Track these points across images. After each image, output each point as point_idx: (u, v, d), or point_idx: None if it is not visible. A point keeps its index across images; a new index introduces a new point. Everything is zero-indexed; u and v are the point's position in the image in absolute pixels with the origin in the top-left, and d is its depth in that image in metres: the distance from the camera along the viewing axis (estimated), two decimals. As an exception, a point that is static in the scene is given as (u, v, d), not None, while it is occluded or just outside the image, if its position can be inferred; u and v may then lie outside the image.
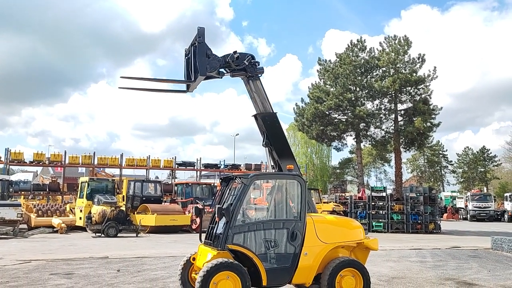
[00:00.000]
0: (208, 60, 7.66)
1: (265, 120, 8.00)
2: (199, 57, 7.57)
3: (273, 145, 8.05)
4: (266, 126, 8.01)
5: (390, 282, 8.97)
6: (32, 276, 9.06)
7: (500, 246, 14.89)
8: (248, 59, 7.89)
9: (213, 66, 7.71)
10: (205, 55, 7.61)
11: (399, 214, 25.65)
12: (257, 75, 8.05)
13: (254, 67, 7.95)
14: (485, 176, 68.02)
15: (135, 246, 15.81)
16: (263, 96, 8.22)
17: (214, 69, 7.75)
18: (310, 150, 59.98)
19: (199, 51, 7.59)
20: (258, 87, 8.16)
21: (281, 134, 8.25)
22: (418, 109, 28.21)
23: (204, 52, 7.60)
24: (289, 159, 8.07)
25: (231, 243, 6.54)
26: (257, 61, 8.05)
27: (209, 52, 7.66)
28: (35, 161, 29.79)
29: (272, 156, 8.17)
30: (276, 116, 8.16)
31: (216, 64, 7.77)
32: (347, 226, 7.52)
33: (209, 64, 7.66)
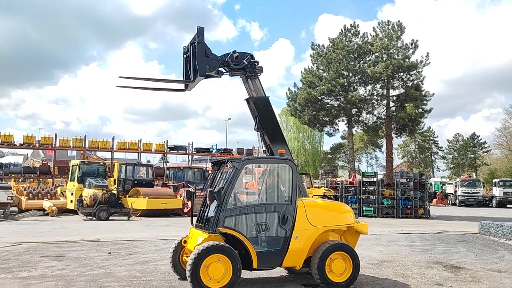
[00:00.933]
0: (208, 60, 7.61)
1: (257, 104, 7.99)
2: (198, 58, 7.53)
3: (265, 130, 8.05)
4: (258, 110, 8.00)
5: (379, 266, 9.09)
6: (23, 258, 9.06)
7: (487, 231, 15.12)
8: (248, 58, 7.84)
9: (213, 66, 7.68)
10: (204, 55, 7.55)
11: (389, 199, 25.89)
12: (256, 74, 8.00)
13: (253, 66, 7.91)
14: (474, 162, 68.82)
15: (127, 229, 15.84)
16: (261, 93, 8.20)
17: (213, 69, 7.73)
18: (302, 135, 60.17)
19: (199, 51, 7.54)
20: (256, 85, 8.12)
21: (273, 118, 8.24)
22: (410, 95, 28.29)
23: (203, 52, 7.55)
24: (281, 143, 8.08)
25: (222, 226, 6.58)
26: (257, 61, 8.01)
27: (208, 52, 7.62)
28: (25, 143, 29.49)
29: (264, 140, 8.17)
30: (268, 100, 8.14)
31: (216, 64, 7.74)
32: (337, 210, 7.58)
33: (208, 64, 7.62)
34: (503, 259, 10.31)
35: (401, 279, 7.80)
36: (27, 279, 7.23)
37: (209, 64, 7.61)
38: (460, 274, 8.46)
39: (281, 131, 8.34)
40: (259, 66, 7.97)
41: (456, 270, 8.81)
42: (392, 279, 7.79)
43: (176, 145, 36.06)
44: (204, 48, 7.57)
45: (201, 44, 7.52)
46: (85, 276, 7.50)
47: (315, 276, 6.84)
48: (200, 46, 7.52)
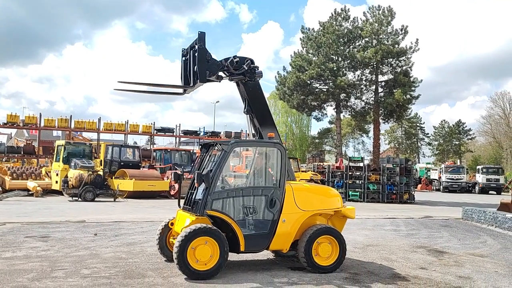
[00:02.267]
0: (208, 65, 7.46)
1: (247, 87, 7.89)
2: (199, 63, 7.37)
3: (254, 113, 7.98)
4: (248, 93, 7.92)
5: (364, 250, 9.18)
6: (7, 239, 8.95)
7: (470, 217, 15.38)
8: (248, 63, 7.69)
9: (213, 71, 7.55)
10: (205, 61, 7.39)
11: (375, 184, 26.15)
12: (255, 79, 7.88)
13: (253, 72, 7.76)
14: (459, 149, 69.77)
15: (113, 210, 15.75)
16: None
17: (213, 74, 7.61)
18: (290, 119, 60.16)
19: (200, 56, 7.38)
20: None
21: (262, 101, 8.17)
22: (398, 81, 28.36)
23: (204, 57, 7.39)
24: (270, 126, 8.03)
25: (210, 209, 6.55)
26: (257, 66, 7.87)
27: (208, 57, 7.46)
28: (9, 123, 28.97)
29: (253, 123, 8.11)
30: (258, 83, 8.05)
31: (216, 69, 7.60)
32: (325, 194, 7.60)
33: (209, 70, 7.47)
34: (485, 244, 10.49)
35: (386, 263, 7.89)
36: (11, 259, 7.14)
37: (209, 69, 7.49)
38: (443, 258, 8.60)
39: (270, 115, 8.28)
40: (259, 71, 7.84)
41: (440, 255, 8.95)
42: (377, 263, 7.88)
43: (163, 127, 35.83)
44: (205, 53, 7.42)
45: (202, 49, 7.38)
46: (70, 257, 7.44)
47: (302, 259, 6.88)
48: (201, 51, 7.38)
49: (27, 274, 6.21)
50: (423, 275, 7.07)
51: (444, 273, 7.24)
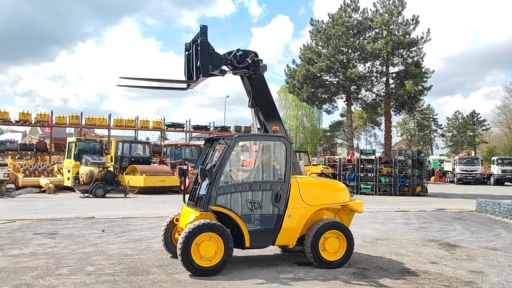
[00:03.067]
0: (211, 59, 7.30)
1: (251, 80, 7.75)
2: (202, 58, 7.22)
3: (259, 106, 7.83)
4: (252, 86, 7.77)
5: (374, 244, 9.03)
6: (15, 236, 8.98)
7: (484, 209, 15.09)
8: (251, 57, 7.53)
9: (216, 65, 7.39)
10: (208, 55, 7.23)
11: (387, 176, 25.87)
12: (259, 72, 7.71)
13: (257, 65, 7.59)
14: (473, 140, 68.74)
15: (123, 206, 15.79)
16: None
17: (217, 68, 7.45)
18: (301, 112, 59.77)
19: (202, 50, 7.23)
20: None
21: (267, 95, 8.02)
22: (409, 72, 27.94)
23: (206, 51, 7.23)
24: (275, 120, 7.89)
25: (214, 204, 6.45)
26: (261, 59, 7.69)
27: (211, 51, 7.29)
28: (21, 120, 29.23)
29: (258, 117, 7.98)
30: (263, 76, 7.89)
31: (219, 63, 7.45)
32: (332, 188, 7.45)
33: (211, 64, 7.32)
34: (499, 237, 10.26)
35: (396, 257, 7.73)
36: (17, 256, 7.15)
37: (212, 63, 7.33)
38: (455, 252, 8.41)
39: (275, 108, 8.13)
40: (263, 64, 7.66)
41: (452, 248, 8.76)
42: (386, 257, 7.72)
43: (173, 123, 35.85)
44: (208, 47, 7.27)
45: (204, 43, 7.22)
46: (76, 254, 7.42)
47: (309, 254, 6.76)
48: (204, 45, 7.22)
49: (31, 272, 6.20)
50: (434, 270, 6.90)
51: (455, 268, 7.06)
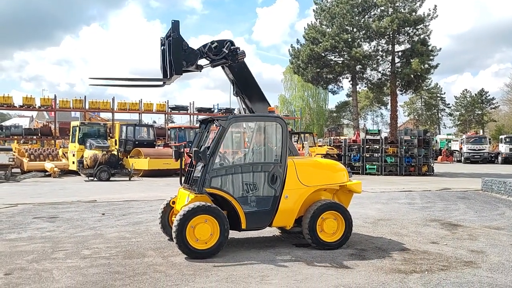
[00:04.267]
0: (185, 55, 7.01)
1: (232, 68, 7.45)
2: (174, 54, 6.92)
3: (244, 93, 7.54)
4: (234, 74, 7.46)
5: (375, 224, 8.93)
6: (15, 220, 9.00)
7: (490, 188, 14.91)
8: (227, 46, 7.22)
9: (191, 61, 7.09)
10: (180, 51, 6.92)
11: (393, 157, 25.67)
12: (238, 60, 7.40)
13: (235, 53, 7.26)
14: (482, 119, 68.04)
15: (126, 189, 15.81)
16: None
17: (192, 64, 7.15)
18: (307, 93, 59.30)
19: (174, 47, 6.92)
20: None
21: (250, 80, 7.71)
22: (416, 50, 27.45)
23: (179, 47, 6.93)
24: (262, 103, 7.65)
25: (209, 186, 6.36)
26: (238, 47, 7.37)
27: (185, 46, 6.99)
28: (25, 105, 29.26)
29: (245, 103, 7.75)
30: (243, 62, 7.54)
31: (194, 59, 7.15)
32: (329, 169, 7.32)
33: (185, 60, 7.02)
34: (503, 216, 10.12)
35: (396, 238, 7.64)
36: (14, 241, 7.14)
37: (186, 59, 7.04)
38: (457, 231, 8.29)
39: (260, 91, 7.78)
40: (241, 52, 7.32)
41: (453, 228, 8.64)
42: (387, 238, 7.63)
43: (177, 105, 35.71)
44: (180, 43, 6.95)
45: (176, 39, 6.90)
46: (73, 238, 7.40)
47: (306, 235, 6.68)
48: (176, 41, 6.91)
49: (27, 256, 6.18)
50: (433, 250, 6.80)
51: (455, 248, 6.95)
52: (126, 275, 5.35)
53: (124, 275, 5.33)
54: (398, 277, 5.34)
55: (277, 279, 5.23)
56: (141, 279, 5.19)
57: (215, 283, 5.07)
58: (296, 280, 5.19)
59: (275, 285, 5.02)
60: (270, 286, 4.97)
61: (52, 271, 5.46)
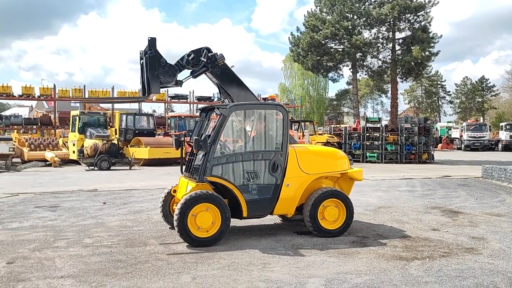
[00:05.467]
0: (163, 72, 6.78)
1: (214, 73, 7.26)
2: (150, 73, 6.69)
3: (231, 95, 7.35)
4: (218, 78, 7.24)
5: (376, 212, 8.95)
6: (16, 209, 9.01)
7: (490, 175, 14.92)
8: (205, 54, 6.97)
9: (168, 79, 6.87)
10: (157, 69, 6.69)
11: (393, 144, 25.65)
12: (219, 65, 7.14)
13: (214, 60, 7.00)
14: (482, 106, 67.90)
15: (127, 178, 15.82)
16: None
17: (169, 82, 6.94)
18: (307, 82, 59.10)
19: (151, 65, 6.69)
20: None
21: (235, 80, 7.50)
22: (416, 37, 27.26)
23: (155, 66, 6.70)
24: (250, 98, 7.50)
25: (210, 174, 6.36)
26: (215, 53, 7.10)
27: (163, 63, 6.77)
28: (24, 94, 29.12)
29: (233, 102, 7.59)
30: (224, 64, 7.27)
31: (172, 75, 6.91)
32: (330, 157, 7.32)
33: (163, 77, 6.79)
34: (503, 203, 10.14)
35: (397, 225, 7.65)
36: (16, 230, 7.16)
37: (164, 77, 6.81)
38: (458, 218, 8.31)
39: (248, 89, 7.54)
40: (219, 56, 7.07)
41: (454, 215, 8.66)
42: (388, 225, 7.65)
43: (177, 94, 35.58)
44: (158, 60, 6.75)
45: (153, 57, 6.70)
46: (75, 227, 7.42)
47: (307, 223, 6.69)
48: (152, 59, 6.70)
49: (29, 245, 6.20)
50: (434, 236, 6.82)
51: (456, 234, 6.97)
52: (128, 263, 5.37)
53: (126, 263, 5.34)
54: (400, 264, 5.36)
55: (278, 267, 5.25)
56: (143, 267, 5.21)
57: (217, 270, 5.09)
58: (298, 268, 5.21)
59: (277, 272, 5.04)
60: (272, 274, 4.98)
61: (55, 260, 5.48)
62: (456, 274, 4.99)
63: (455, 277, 4.90)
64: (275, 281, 4.73)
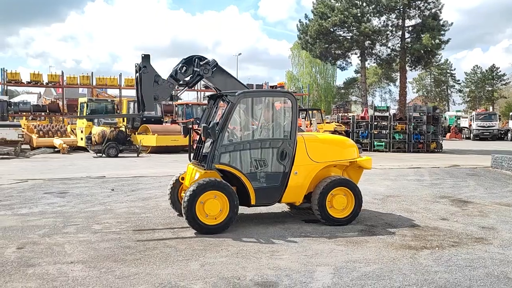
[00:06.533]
0: (158, 88, 6.66)
1: (209, 78, 7.12)
2: (144, 91, 6.57)
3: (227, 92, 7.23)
4: (212, 81, 7.18)
5: (384, 201, 8.91)
6: (26, 195, 9.07)
7: (500, 164, 14.78)
8: (197, 63, 6.85)
9: (164, 95, 6.77)
10: (151, 86, 6.58)
11: (401, 133, 25.50)
12: (213, 70, 7.00)
13: (206, 67, 6.87)
14: (492, 95, 67.15)
15: (135, 166, 15.87)
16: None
17: (165, 97, 6.88)
18: (315, 70, 58.75)
19: (145, 82, 6.57)
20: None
21: (228, 79, 7.37)
22: (426, 25, 26.88)
23: (150, 83, 6.59)
24: None
25: (218, 162, 6.34)
26: (207, 60, 6.96)
27: (157, 79, 6.64)
28: (32, 81, 29.23)
29: None
30: (215, 63, 7.14)
31: (167, 93, 6.80)
32: (339, 145, 7.27)
33: (158, 93, 6.68)
34: (513, 193, 10.04)
35: (406, 214, 7.61)
36: (26, 215, 7.21)
37: (159, 93, 6.70)
38: (467, 208, 8.25)
39: (242, 83, 7.52)
40: (212, 61, 6.95)
41: (464, 205, 8.60)
42: (396, 214, 7.61)
43: (185, 82, 35.44)
44: (152, 77, 6.63)
45: (146, 75, 6.57)
46: (84, 213, 7.46)
47: (316, 212, 6.67)
48: (147, 77, 6.58)
49: (39, 230, 6.24)
50: (444, 226, 6.77)
51: (466, 224, 6.92)
52: (137, 249, 5.39)
53: (135, 250, 5.37)
54: (409, 253, 5.33)
55: (287, 254, 5.24)
56: (152, 253, 5.23)
57: (226, 258, 5.09)
58: (307, 256, 5.20)
59: (285, 260, 5.04)
60: (280, 261, 4.98)
61: (64, 245, 5.52)
62: (466, 264, 4.96)
63: (465, 266, 4.87)
64: (283, 269, 4.73)
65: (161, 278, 4.43)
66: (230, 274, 4.56)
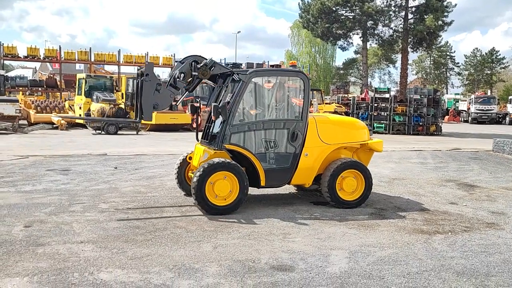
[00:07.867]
0: (158, 97, 6.44)
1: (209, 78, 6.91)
2: (144, 100, 6.38)
3: None
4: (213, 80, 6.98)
5: (391, 184, 8.86)
6: (28, 172, 8.94)
7: (501, 149, 14.76)
8: (194, 67, 6.61)
9: (163, 103, 6.54)
10: (151, 95, 6.38)
11: (401, 115, 25.42)
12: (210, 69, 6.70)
13: (204, 67, 6.61)
14: (490, 79, 66.93)
15: (135, 143, 15.73)
16: None
17: (164, 107, 6.66)
18: (314, 49, 58.17)
19: (146, 91, 6.37)
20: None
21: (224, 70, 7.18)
22: (430, 5, 26.56)
23: (151, 92, 6.38)
24: None
25: (228, 142, 6.22)
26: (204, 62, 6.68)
27: (159, 88, 6.43)
28: (29, 56, 28.70)
29: None
30: (213, 62, 6.79)
31: (167, 102, 6.58)
32: (350, 127, 7.15)
33: (159, 102, 6.46)
34: (518, 178, 10.02)
35: (414, 198, 7.56)
36: (30, 193, 7.09)
37: (159, 102, 6.47)
38: (474, 192, 8.21)
39: None
40: (209, 62, 6.70)
41: (470, 189, 8.56)
42: (404, 198, 7.55)
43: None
44: (154, 86, 6.42)
45: (149, 83, 6.38)
46: (89, 191, 7.35)
47: (325, 194, 6.60)
48: (148, 86, 6.38)
49: (45, 208, 6.13)
50: (454, 210, 6.73)
51: (475, 209, 6.88)
52: (146, 230, 5.30)
53: (145, 230, 5.28)
54: (422, 238, 5.28)
55: (299, 237, 5.18)
56: (162, 234, 5.14)
57: (238, 240, 5.02)
58: (319, 239, 5.13)
59: (298, 243, 4.97)
60: (294, 244, 4.91)
61: (72, 224, 5.42)
62: (481, 250, 4.91)
63: (480, 252, 4.83)
64: (297, 252, 4.66)
65: (175, 260, 4.35)
66: (244, 257, 4.49)
